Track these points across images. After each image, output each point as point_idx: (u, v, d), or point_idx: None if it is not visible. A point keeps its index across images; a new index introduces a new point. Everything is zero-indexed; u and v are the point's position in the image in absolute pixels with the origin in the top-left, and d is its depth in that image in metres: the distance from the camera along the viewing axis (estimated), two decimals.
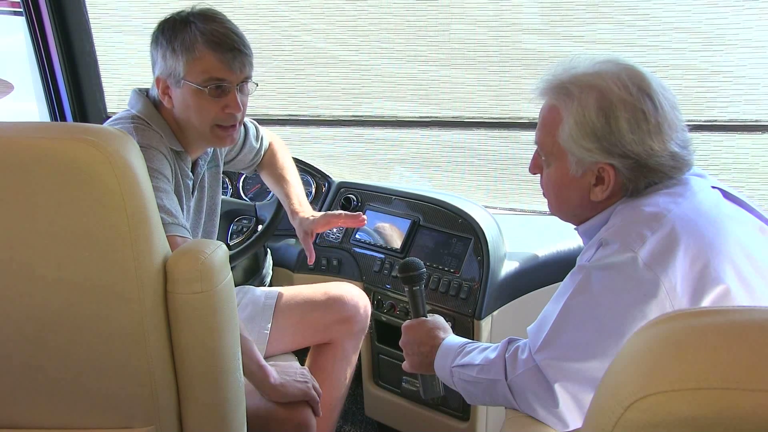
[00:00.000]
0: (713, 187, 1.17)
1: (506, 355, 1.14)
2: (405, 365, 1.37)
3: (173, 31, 1.38)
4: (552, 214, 1.27)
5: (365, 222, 1.75)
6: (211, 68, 1.36)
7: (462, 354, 1.23)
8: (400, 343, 1.38)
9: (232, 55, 1.37)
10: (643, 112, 1.07)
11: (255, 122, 1.81)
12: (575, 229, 1.24)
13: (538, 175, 1.24)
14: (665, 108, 1.09)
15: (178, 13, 1.40)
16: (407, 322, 1.38)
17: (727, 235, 1.05)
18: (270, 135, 1.87)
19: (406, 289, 1.41)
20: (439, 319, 1.39)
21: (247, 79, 1.43)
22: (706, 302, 1.00)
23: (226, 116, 1.42)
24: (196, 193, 1.57)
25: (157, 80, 1.42)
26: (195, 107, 1.39)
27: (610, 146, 1.09)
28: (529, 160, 1.26)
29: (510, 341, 1.18)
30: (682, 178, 1.13)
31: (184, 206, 1.49)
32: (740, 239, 1.06)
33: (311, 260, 1.76)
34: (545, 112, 1.17)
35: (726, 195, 1.17)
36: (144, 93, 1.47)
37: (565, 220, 1.25)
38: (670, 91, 1.12)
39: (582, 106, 1.09)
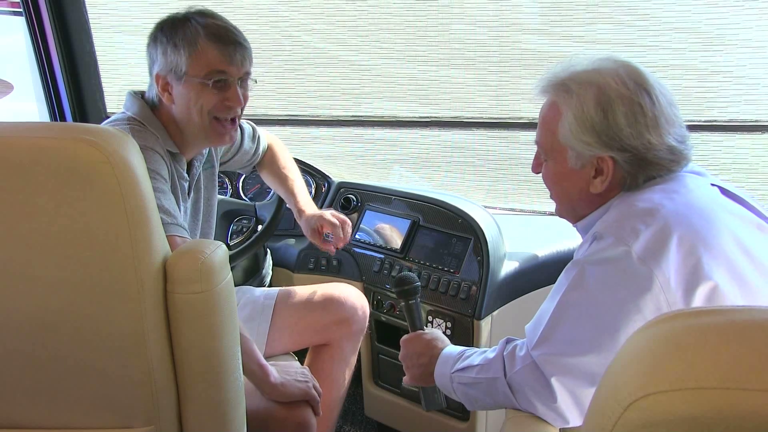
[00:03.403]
0: (712, 185, 1.17)
1: (504, 354, 1.15)
2: (406, 379, 1.38)
3: (173, 28, 1.39)
4: (556, 213, 1.27)
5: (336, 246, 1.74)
6: (213, 61, 1.38)
7: (461, 359, 1.24)
8: (399, 357, 1.39)
9: (233, 48, 1.38)
10: (640, 105, 1.09)
11: (252, 123, 1.81)
12: (574, 225, 1.25)
13: (540, 175, 1.25)
14: (662, 103, 1.11)
15: (176, 14, 1.42)
16: (405, 336, 1.39)
17: (720, 231, 1.05)
18: (270, 137, 1.87)
19: (402, 303, 1.41)
20: (437, 332, 1.40)
21: (247, 74, 1.44)
22: (698, 297, 1.00)
23: (226, 108, 1.43)
24: (192, 194, 1.57)
25: (157, 77, 1.42)
26: (195, 100, 1.40)
27: (609, 140, 1.10)
28: (529, 160, 1.27)
29: (508, 340, 1.19)
30: (678, 174, 1.14)
31: (181, 207, 1.49)
32: (736, 236, 1.06)
33: (333, 250, 1.73)
34: (545, 110, 1.19)
35: (724, 192, 1.17)
36: (139, 95, 1.47)
37: (565, 216, 1.26)
38: (668, 89, 1.14)
39: (581, 102, 1.11)
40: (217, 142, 1.50)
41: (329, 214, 1.74)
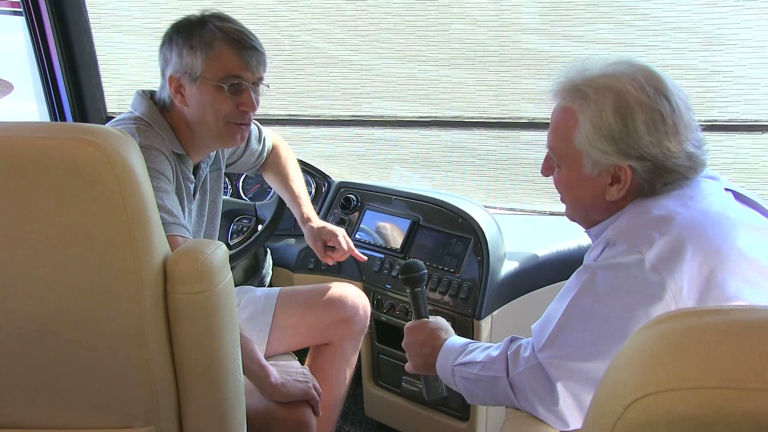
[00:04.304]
0: (726, 190, 1.15)
1: (508, 353, 1.14)
2: (408, 366, 1.37)
3: (189, 30, 1.38)
4: (567, 216, 1.26)
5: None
6: (229, 65, 1.38)
7: (464, 353, 1.23)
8: (402, 344, 1.38)
9: (249, 53, 1.39)
10: (660, 113, 1.06)
11: (257, 123, 1.81)
12: (586, 231, 1.23)
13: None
14: (681, 109, 1.08)
15: (192, 15, 1.41)
16: (409, 323, 1.38)
17: (734, 239, 1.04)
18: (274, 136, 1.87)
19: (408, 290, 1.41)
20: (441, 321, 1.39)
21: (260, 79, 1.44)
22: None
23: (240, 114, 1.43)
24: (197, 196, 1.57)
25: (170, 79, 1.41)
26: (210, 104, 1.39)
27: (628, 148, 1.07)
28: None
29: (512, 339, 1.18)
30: (695, 180, 1.12)
31: (186, 209, 1.49)
32: (747, 243, 1.05)
33: (330, 262, 1.82)
34: (558, 115, 1.15)
35: (738, 197, 1.15)
36: (147, 95, 1.46)
37: (577, 221, 1.23)
38: (684, 92, 1.11)
39: (599, 108, 1.08)
40: (230, 142, 1.50)
41: (336, 230, 1.79)
